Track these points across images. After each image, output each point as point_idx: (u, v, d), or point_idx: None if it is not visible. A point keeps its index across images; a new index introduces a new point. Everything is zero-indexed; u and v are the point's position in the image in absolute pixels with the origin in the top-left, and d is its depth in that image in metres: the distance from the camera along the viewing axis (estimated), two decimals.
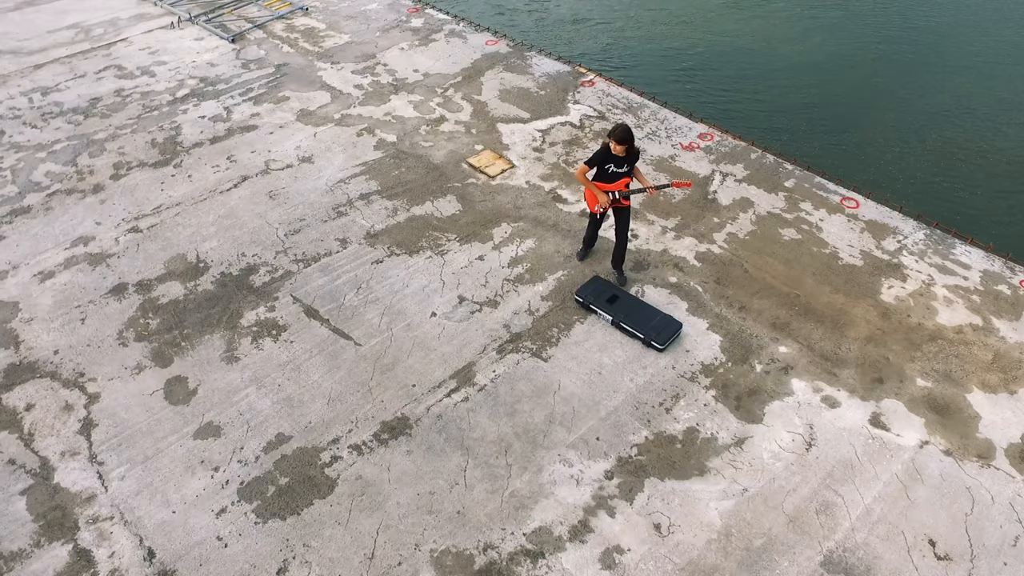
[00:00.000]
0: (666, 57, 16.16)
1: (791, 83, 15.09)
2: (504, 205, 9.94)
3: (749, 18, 17.66)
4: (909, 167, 12.79)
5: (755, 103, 14.49)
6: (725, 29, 17.18)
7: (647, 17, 17.86)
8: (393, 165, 10.68)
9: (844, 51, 16.21)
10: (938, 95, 14.71)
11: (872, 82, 15.15)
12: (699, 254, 9.23)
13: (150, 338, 8.19)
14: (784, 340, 8.19)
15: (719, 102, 14.38)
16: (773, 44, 16.52)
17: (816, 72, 15.48)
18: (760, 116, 13.99)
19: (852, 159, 12.89)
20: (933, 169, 12.80)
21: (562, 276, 8.88)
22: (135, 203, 10.10)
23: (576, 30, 17.31)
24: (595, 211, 8.24)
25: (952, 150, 13.25)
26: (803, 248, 9.37)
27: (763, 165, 10.71)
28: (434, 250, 9.24)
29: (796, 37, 16.86)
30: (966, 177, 12.56)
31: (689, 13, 18.03)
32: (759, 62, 15.93)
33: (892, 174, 12.59)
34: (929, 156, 13.13)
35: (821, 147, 13.15)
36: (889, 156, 13.06)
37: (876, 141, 13.47)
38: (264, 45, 13.83)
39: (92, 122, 11.79)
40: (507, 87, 12.41)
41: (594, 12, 18.14)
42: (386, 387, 7.64)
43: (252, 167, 10.71)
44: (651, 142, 11.11)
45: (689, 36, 16.97)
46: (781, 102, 14.55)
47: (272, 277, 8.91)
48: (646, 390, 7.65)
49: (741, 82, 15.22)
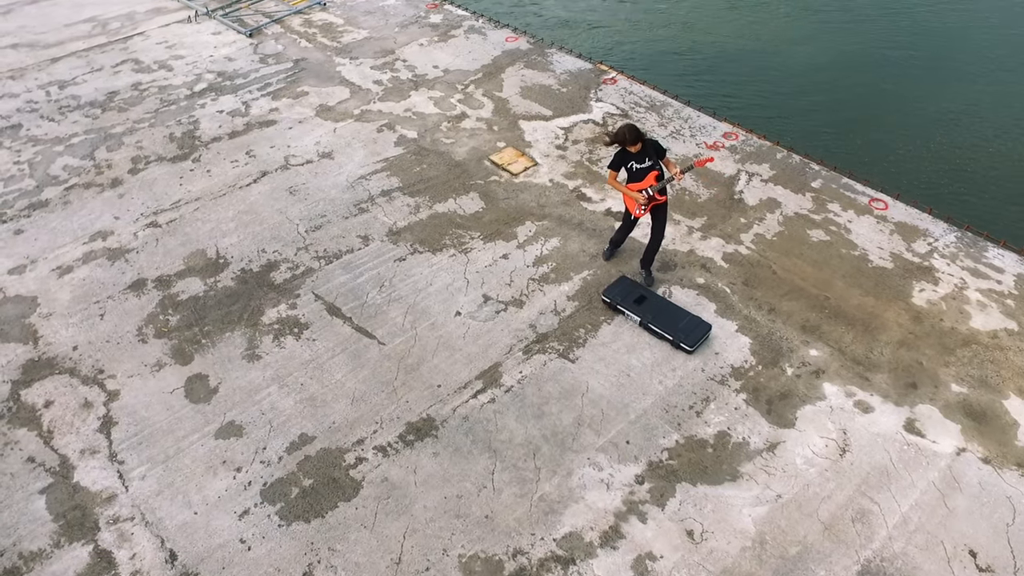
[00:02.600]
0: (670, 59, 15.99)
1: (801, 85, 14.90)
2: (528, 203, 9.79)
3: (751, 22, 17.47)
4: (924, 169, 12.61)
5: (765, 103, 14.30)
6: (728, 31, 16.99)
7: (645, 21, 17.66)
8: (414, 162, 10.53)
9: (851, 53, 16.01)
10: (948, 97, 14.51)
11: (881, 84, 14.95)
12: (726, 255, 9.06)
13: (170, 335, 8.06)
14: (815, 343, 8.02)
15: (733, 105, 14.18)
16: (779, 46, 16.33)
17: (825, 73, 15.28)
18: (775, 119, 13.80)
19: (868, 159, 12.69)
20: (947, 172, 12.61)
21: (588, 276, 8.73)
22: (153, 198, 9.97)
23: (571, 32, 17.11)
24: (636, 214, 8.06)
25: (965, 153, 13.04)
26: (832, 250, 9.19)
27: (789, 165, 10.54)
28: (458, 248, 9.10)
29: (801, 39, 16.67)
30: (979, 180, 12.34)
31: (689, 16, 17.83)
32: (766, 64, 15.74)
33: (908, 174, 12.38)
34: (942, 159, 12.94)
35: (833, 146, 12.94)
36: (904, 157, 12.87)
37: (889, 142, 13.27)
38: (282, 40, 13.70)
39: (109, 116, 11.67)
40: (528, 84, 12.26)
41: (590, 16, 17.92)
42: (411, 387, 7.49)
43: (271, 162, 10.57)
44: (675, 140, 10.94)
45: (692, 39, 16.77)
46: (792, 103, 14.37)
47: (293, 274, 8.77)
48: (676, 393, 7.48)
49: (751, 83, 15.04)
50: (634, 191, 7.82)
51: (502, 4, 18.03)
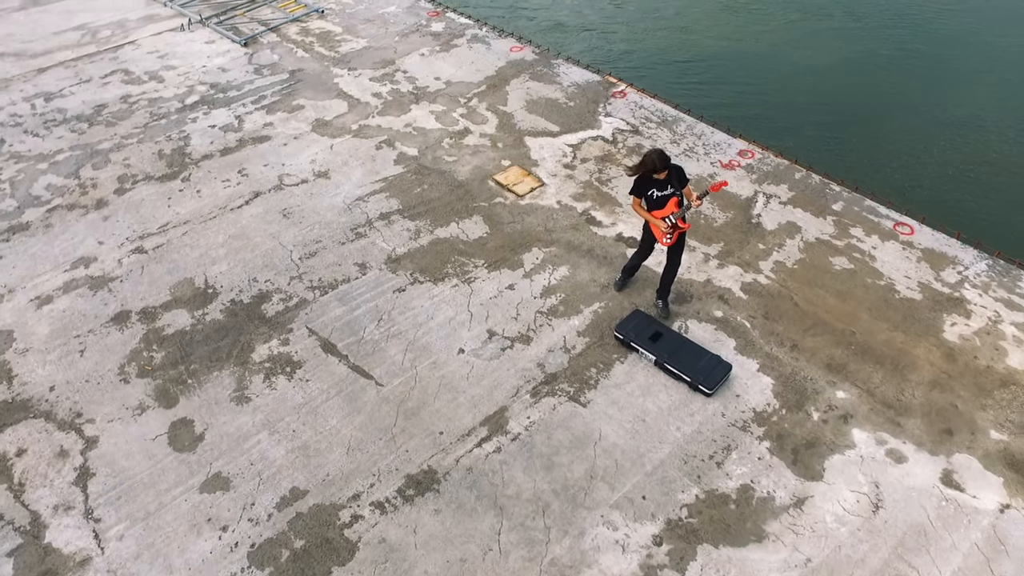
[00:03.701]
0: (668, 62, 15.46)
1: (803, 88, 14.39)
2: (534, 228, 9.25)
3: (748, 24, 16.93)
4: (945, 185, 12.07)
5: (766, 107, 13.76)
6: (726, 34, 16.45)
7: (641, 23, 17.11)
8: (415, 182, 10.00)
9: (853, 57, 15.48)
10: (965, 104, 13.95)
11: (890, 88, 14.42)
12: (745, 285, 8.53)
13: (154, 374, 7.53)
14: (841, 384, 7.49)
15: (734, 111, 13.62)
16: (779, 49, 15.80)
17: (828, 77, 14.77)
18: (777, 122, 13.25)
19: (884, 171, 12.16)
20: (965, 185, 12.07)
21: (599, 308, 8.19)
22: (140, 220, 9.44)
23: (564, 36, 16.56)
24: (664, 243, 7.53)
25: (987, 168, 12.50)
26: (856, 279, 8.65)
27: (808, 186, 10.00)
28: (460, 277, 8.56)
29: (801, 42, 16.12)
30: (1006, 198, 11.80)
31: (686, 18, 17.28)
32: (766, 67, 15.21)
33: (926, 188, 11.85)
34: (961, 174, 12.42)
35: (844, 153, 12.42)
36: (921, 171, 12.32)
37: (904, 152, 12.74)
38: (278, 49, 13.16)
39: (96, 131, 11.14)
40: (534, 97, 11.72)
41: (584, 19, 17.36)
42: (411, 434, 6.96)
43: (265, 182, 10.04)
44: (688, 159, 10.40)
45: (690, 41, 16.27)
46: (794, 105, 13.86)
47: (286, 306, 8.24)
48: (695, 441, 6.95)
49: (751, 86, 14.51)
50: (657, 219, 7.28)
51: (495, 7, 17.45)
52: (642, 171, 7.03)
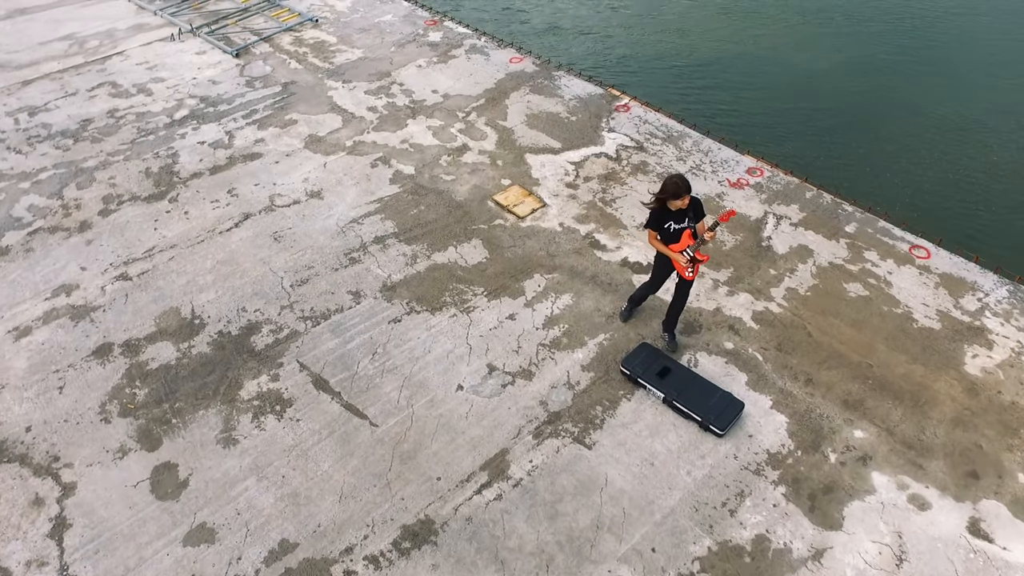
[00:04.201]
0: (666, 67, 15.09)
1: (806, 95, 14.06)
2: (536, 252, 8.86)
3: (745, 27, 16.55)
4: (960, 203, 11.67)
5: (767, 113, 13.41)
6: (723, 37, 16.08)
7: (638, 26, 16.73)
8: (411, 202, 9.60)
9: (859, 64, 15.08)
10: (961, 110, 13.55)
11: (891, 95, 14.02)
12: (756, 314, 8.14)
13: (136, 412, 7.14)
14: (859, 422, 7.11)
15: (733, 119, 13.24)
16: (778, 53, 15.44)
17: (830, 85, 14.38)
18: (779, 135, 12.88)
19: (893, 185, 11.79)
20: (974, 200, 11.68)
21: (604, 340, 7.80)
22: (125, 244, 9.04)
23: (559, 39, 16.16)
24: (688, 276, 7.12)
25: (983, 171, 12.12)
26: (872, 307, 8.27)
27: (820, 206, 9.62)
28: (459, 307, 8.17)
29: (801, 45, 15.74)
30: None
31: (683, 21, 16.89)
32: (766, 72, 14.86)
33: (937, 204, 11.47)
34: (961, 177, 12.05)
35: (844, 166, 12.06)
36: (932, 188, 11.93)
37: (903, 159, 12.34)
38: (270, 60, 12.75)
39: (82, 147, 10.74)
40: (535, 111, 11.32)
41: (579, 23, 16.95)
42: (407, 480, 6.57)
43: (255, 202, 9.64)
44: (696, 177, 10.02)
45: (688, 45, 15.90)
46: (797, 116, 13.51)
47: (276, 338, 7.84)
48: (706, 486, 6.57)
49: (751, 91, 14.16)
50: (675, 253, 6.88)
51: (487, 11, 17.06)
52: (663, 199, 6.62)
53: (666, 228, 6.80)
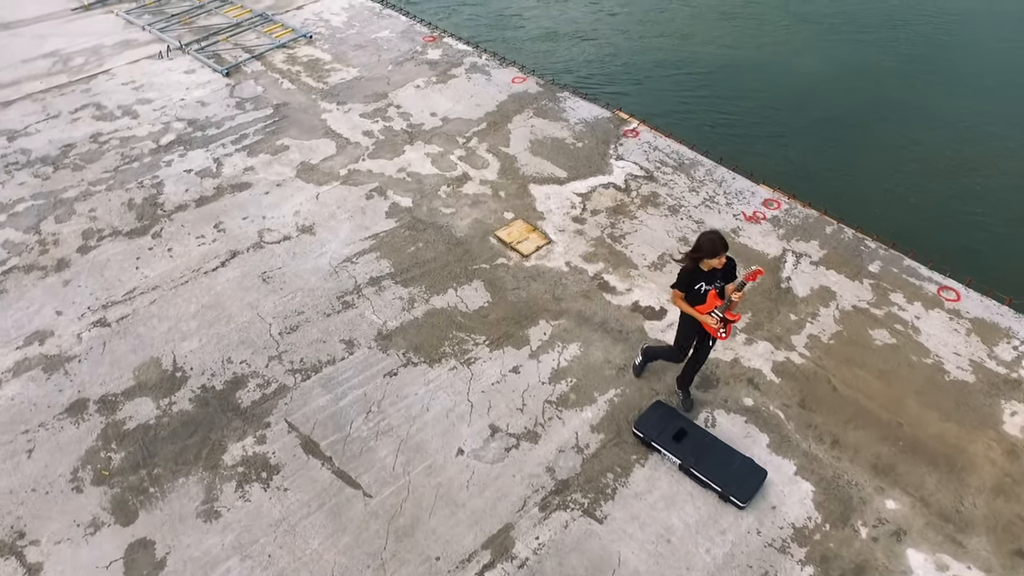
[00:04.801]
0: (667, 74, 14.56)
1: (808, 102, 13.54)
2: (541, 295, 8.30)
3: (747, 32, 16.01)
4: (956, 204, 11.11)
5: (768, 127, 12.91)
6: (725, 43, 15.54)
7: (636, 31, 16.19)
8: (408, 238, 9.04)
9: (862, 69, 14.54)
10: (967, 116, 12.97)
11: (894, 101, 13.51)
12: (777, 365, 7.59)
13: (111, 480, 6.59)
14: (891, 490, 6.57)
15: (733, 129, 12.70)
16: (780, 58, 14.89)
17: (833, 90, 13.87)
18: (781, 144, 12.37)
19: (897, 200, 11.25)
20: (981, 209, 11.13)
21: (615, 397, 7.25)
22: (104, 286, 8.49)
23: (555, 45, 15.60)
24: (721, 337, 6.53)
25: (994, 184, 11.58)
26: (900, 356, 7.72)
27: (841, 242, 9.06)
28: (459, 358, 7.61)
29: (803, 51, 15.18)
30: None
31: (683, 25, 16.34)
32: (767, 78, 14.35)
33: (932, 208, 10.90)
34: (968, 189, 11.49)
35: (849, 178, 11.61)
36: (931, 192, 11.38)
37: (910, 170, 11.81)
38: (262, 80, 12.17)
39: (62, 176, 10.18)
40: (539, 137, 10.75)
41: (575, 27, 16.37)
42: (403, 560, 6.03)
43: (243, 239, 9.08)
44: (709, 210, 9.46)
45: (689, 50, 15.36)
46: (799, 121, 13.10)
47: (263, 394, 7.29)
48: (727, 567, 6.03)
49: (753, 99, 13.66)
50: (703, 315, 6.29)
51: (480, 18, 16.50)
52: (698, 258, 6.03)
53: (696, 289, 6.22)
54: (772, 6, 16.99)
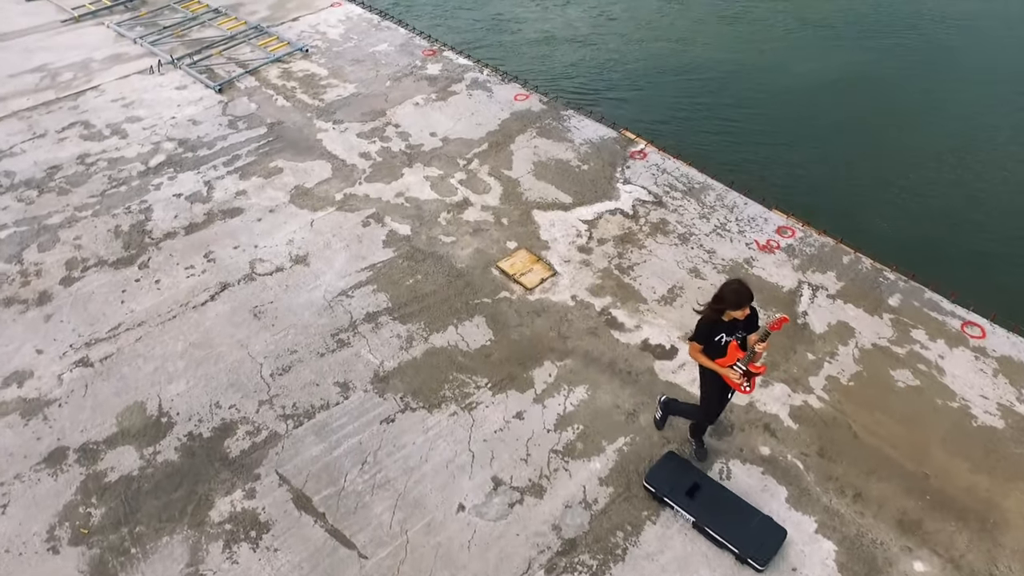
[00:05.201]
0: (665, 78, 14.14)
1: (812, 108, 13.14)
2: (546, 333, 7.90)
3: (749, 37, 15.56)
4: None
5: (771, 138, 12.50)
6: (726, 47, 15.08)
7: (635, 35, 15.75)
8: (407, 270, 8.63)
9: (866, 74, 14.08)
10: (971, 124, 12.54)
11: (898, 108, 13.07)
12: (794, 410, 7.18)
13: (90, 539, 6.18)
14: (918, 550, 6.17)
15: (740, 139, 12.31)
16: (781, 63, 14.44)
17: (837, 96, 13.46)
18: (784, 157, 11.97)
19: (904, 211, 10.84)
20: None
21: (624, 445, 6.85)
22: (88, 321, 8.08)
23: (552, 48, 15.20)
24: (744, 391, 6.10)
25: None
26: (924, 399, 7.31)
27: (859, 274, 8.65)
28: (460, 402, 7.21)
29: (805, 57, 14.70)
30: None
31: (683, 29, 15.91)
32: (769, 83, 13.90)
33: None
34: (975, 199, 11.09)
35: (855, 187, 11.30)
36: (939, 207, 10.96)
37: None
38: (256, 96, 11.76)
39: (47, 200, 9.77)
40: (542, 158, 10.34)
41: (572, 31, 15.94)
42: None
43: (234, 270, 8.67)
44: (721, 239, 9.06)
45: (690, 54, 14.89)
46: (803, 129, 12.69)
47: (253, 442, 6.89)
48: None
49: (755, 105, 13.23)
50: (724, 368, 5.87)
51: (477, 24, 16.09)
52: (720, 309, 5.62)
53: (716, 341, 5.80)
54: (775, 10, 16.56)
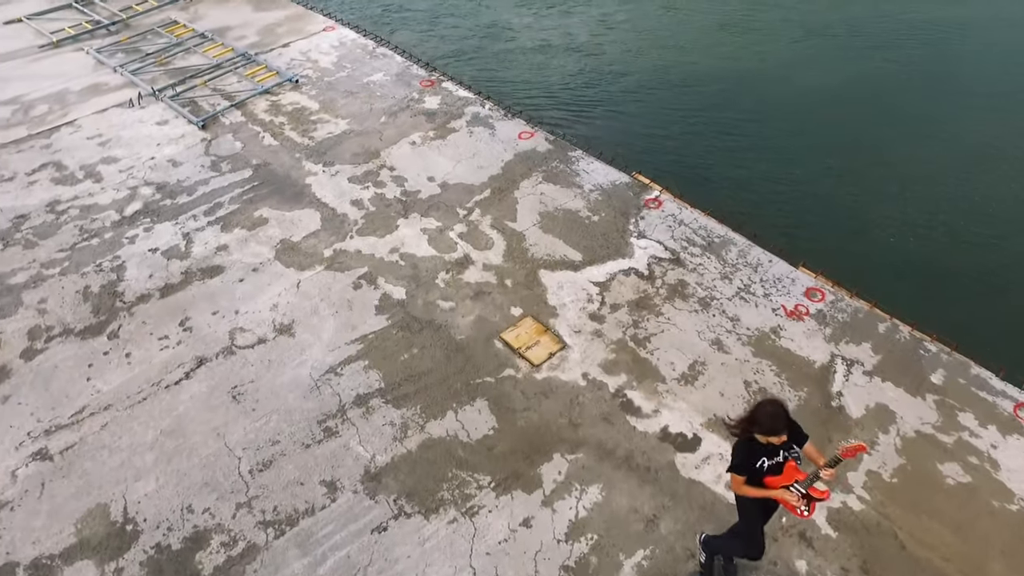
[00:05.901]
0: (666, 89, 13.39)
1: (816, 120, 12.38)
2: (554, 419, 7.10)
3: (749, 44, 14.73)
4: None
5: (774, 152, 11.77)
6: (724, 53, 14.30)
7: (635, 42, 14.98)
8: (402, 342, 7.83)
9: (871, 83, 13.27)
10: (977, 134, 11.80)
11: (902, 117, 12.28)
12: (832, 514, 6.40)
13: None
14: None
15: (742, 148, 11.57)
16: (781, 71, 13.67)
17: (842, 107, 12.66)
18: (787, 170, 11.29)
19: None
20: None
21: (644, 560, 6.06)
22: (50, 403, 7.31)
23: (547, 57, 14.44)
24: (802, 515, 5.24)
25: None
26: (978, 500, 6.52)
27: (897, 344, 7.85)
28: (460, 506, 6.42)
29: (807, 64, 13.93)
30: None
31: (682, 39, 15.11)
32: (770, 89, 13.18)
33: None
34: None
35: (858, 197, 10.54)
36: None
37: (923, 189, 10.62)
38: (241, 133, 10.95)
39: (11, 255, 8.99)
40: (549, 208, 9.53)
41: (568, 39, 15.11)
42: None
43: (213, 341, 7.88)
44: (745, 304, 8.26)
45: (690, 63, 14.14)
46: (806, 139, 11.95)
47: (228, 556, 6.10)
48: None
49: (757, 111, 12.54)
50: (777, 489, 5.02)
51: (473, 34, 15.29)
52: (753, 430, 4.80)
53: (759, 468, 4.98)
54: (777, 19, 15.75)
